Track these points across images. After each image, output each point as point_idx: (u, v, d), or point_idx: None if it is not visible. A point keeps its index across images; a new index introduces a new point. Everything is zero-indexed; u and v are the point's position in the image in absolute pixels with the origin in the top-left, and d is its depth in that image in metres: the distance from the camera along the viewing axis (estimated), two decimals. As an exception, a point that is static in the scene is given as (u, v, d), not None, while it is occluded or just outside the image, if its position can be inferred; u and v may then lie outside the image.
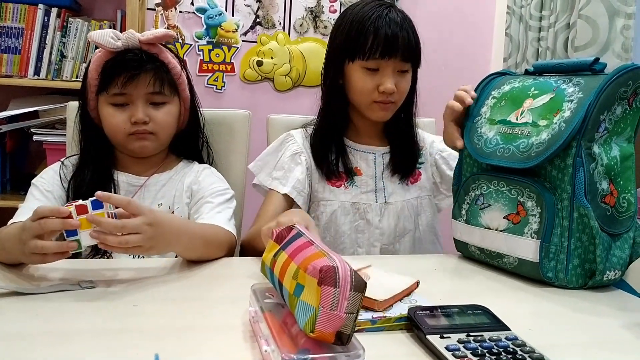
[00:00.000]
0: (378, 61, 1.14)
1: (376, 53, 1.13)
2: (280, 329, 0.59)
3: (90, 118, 1.16)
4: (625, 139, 0.92)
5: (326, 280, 0.52)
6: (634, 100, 0.90)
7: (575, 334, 0.74)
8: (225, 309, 0.76)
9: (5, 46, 1.87)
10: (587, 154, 0.88)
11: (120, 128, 1.10)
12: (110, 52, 1.10)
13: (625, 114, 0.90)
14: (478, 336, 0.65)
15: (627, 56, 1.80)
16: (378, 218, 1.22)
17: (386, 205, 1.23)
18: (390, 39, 1.12)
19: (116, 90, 1.08)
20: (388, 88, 1.14)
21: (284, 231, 0.70)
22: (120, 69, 1.08)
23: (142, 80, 1.09)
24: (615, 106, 0.89)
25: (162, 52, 1.14)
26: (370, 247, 1.22)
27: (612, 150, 0.90)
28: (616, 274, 0.91)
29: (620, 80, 0.87)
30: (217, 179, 1.21)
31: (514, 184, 0.95)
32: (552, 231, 0.90)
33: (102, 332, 0.67)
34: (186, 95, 1.20)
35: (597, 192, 0.89)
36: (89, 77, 1.13)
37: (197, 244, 0.96)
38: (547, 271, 0.91)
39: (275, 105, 2.30)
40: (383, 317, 0.70)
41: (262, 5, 2.28)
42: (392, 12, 1.15)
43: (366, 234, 1.22)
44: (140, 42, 1.11)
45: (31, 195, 1.10)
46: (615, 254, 0.90)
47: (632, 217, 0.91)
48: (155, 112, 1.12)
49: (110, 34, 1.09)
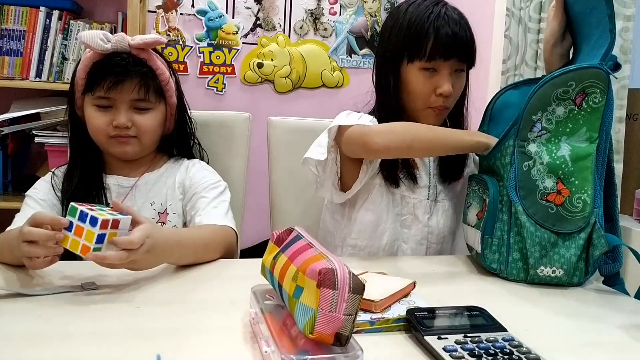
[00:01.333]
0: (437, 62, 1.10)
1: (437, 54, 1.09)
2: (280, 330, 0.60)
3: (78, 118, 1.16)
4: (583, 139, 0.93)
5: (325, 282, 0.53)
6: (584, 101, 0.92)
7: (571, 334, 0.75)
8: (226, 310, 0.77)
9: (7, 48, 1.87)
10: (521, 152, 0.95)
11: (102, 130, 1.11)
12: (100, 53, 1.10)
13: (573, 114, 0.93)
14: (475, 337, 0.66)
15: (625, 58, 1.81)
16: (427, 216, 1.18)
17: (435, 204, 1.19)
18: (450, 38, 1.09)
19: (101, 93, 1.09)
20: (445, 90, 1.10)
21: (284, 233, 0.71)
22: (107, 72, 1.08)
23: (127, 85, 1.09)
24: (553, 107, 0.93)
25: (151, 58, 1.14)
26: (417, 245, 1.18)
27: (559, 149, 0.94)
28: (557, 272, 0.93)
29: (557, 82, 0.92)
30: (208, 173, 1.22)
31: (481, 183, 1.02)
32: (495, 225, 0.97)
33: (104, 334, 0.68)
34: (173, 101, 1.19)
35: (537, 190, 0.94)
36: (77, 76, 1.13)
37: (187, 255, 0.96)
38: (490, 262, 0.98)
39: (275, 107, 2.31)
40: (381, 319, 0.71)
41: (262, 8, 2.29)
42: (449, 10, 1.12)
43: (412, 230, 1.18)
44: (130, 46, 1.11)
45: (26, 205, 1.11)
46: (558, 252, 0.93)
47: (587, 217, 0.92)
48: (138, 117, 1.12)
49: (101, 36, 1.09)
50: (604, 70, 0.91)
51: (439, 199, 1.20)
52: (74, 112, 1.17)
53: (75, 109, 1.17)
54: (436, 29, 1.09)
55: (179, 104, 1.22)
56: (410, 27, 1.11)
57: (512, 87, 1.11)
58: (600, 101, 0.92)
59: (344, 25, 2.38)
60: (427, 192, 1.19)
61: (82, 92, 1.12)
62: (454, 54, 1.10)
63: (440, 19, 1.09)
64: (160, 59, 1.17)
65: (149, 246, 0.84)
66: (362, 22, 2.40)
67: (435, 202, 1.19)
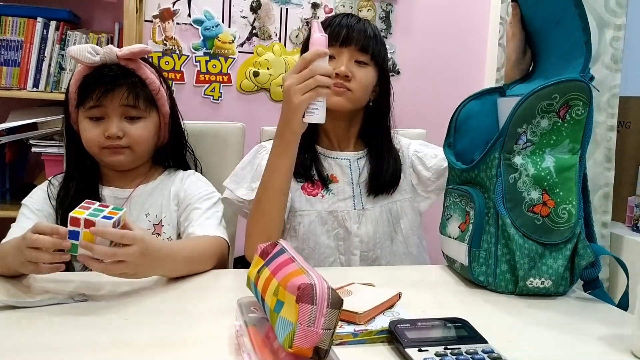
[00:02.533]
0: (335, 49, 1.18)
1: (332, 39, 1.16)
2: (263, 344, 0.61)
3: (74, 131, 1.18)
4: (566, 151, 0.95)
5: (304, 297, 0.55)
6: (567, 113, 0.93)
7: (553, 346, 0.76)
8: (213, 321, 0.78)
9: (5, 59, 1.89)
10: (507, 164, 0.96)
11: (94, 141, 1.13)
12: (89, 67, 1.12)
13: (557, 127, 0.94)
14: (455, 349, 0.67)
15: (616, 67, 1.82)
16: (357, 225, 1.22)
17: (364, 212, 1.23)
18: (346, 28, 1.18)
19: (92, 103, 1.11)
20: (342, 71, 1.16)
21: (269, 247, 0.72)
22: (96, 83, 1.10)
23: (117, 94, 1.11)
24: (537, 119, 0.94)
25: (140, 68, 1.16)
26: (350, 255, 1.22)
27: (544, 161, 0.94)
28: (545, 282, 0.94)
29: (541, 94, 0.92)
30: (202, 184, 1.23)
31: (464, 195, 1.03)
32: (482, 237, 0.98)
33: (94, 346, 0.69)
34: (166, 110, 1.21)
35: (523, 202, 0.94)
36: (70, 91, 1.16)
37: (180, 267, 0.97)
38: (478, 275, 0.98)
39: (271, 115, 2.31)
40: (365, 330, 0.72)
41: (258, 17, 2.31)
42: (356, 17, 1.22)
43: (347, 241, 1.22)
44: (118, 57, 1.13)
45: (22, 215, 1.14)
46: (546, 263, 0.94)
47: (573, 228, 0.93)
48: (130, 127, 1.14)
49: (89, 49, 1.11)
50: (586, 83, 0.92)
51: (367, 207, 1.23)
52: (70, 126, 1.19)
53: (70, 123, 1.18)
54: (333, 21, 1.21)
55: (172, 113, 1.23)
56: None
57: (474, 97, 1.11)
58: (582, 113, 0.93)
59: (340, 33, 2.40)
60: (352, 202, 1.23)
61: (75, 106, 1.14)
62: (350, 42, 1.19)
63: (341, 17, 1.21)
64: (149, 69, 1.18)
65: (142, 249, 0.85)
66: (357, 31, 2.42)
67: (363, 210, 1.23)
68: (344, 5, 2.38)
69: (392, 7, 2.41)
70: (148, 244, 0.87)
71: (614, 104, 1.84)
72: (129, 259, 0.84)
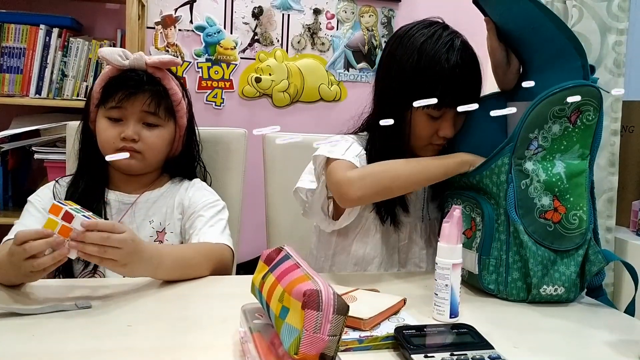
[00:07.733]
0: (445, 109, 1.05)
1: (445, 104, 1.03)
2: (268, 350, 0.61)
3: (90, 131, 1.19)
4: (576, 156, 0.94)
5: (309, 303, 0.54)
6: (578, 118, 0.93)
7: (560, 352, 0.76)
8: (217, 328, 0.78)
9: (8, 66, 1.90)
10: (518, 170, 0.94)
11: (110, 142, 1.13)
12: (117, 69, 1.14)
13: (568, 132, 0.93)
14: (461, 355, 0.66)
15: (619, 72, 1.82)
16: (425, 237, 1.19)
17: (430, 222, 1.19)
18: (461, 88, 1.04)
19: (113, 104, 1.12)
20: (448, 135, 1.07)
21: (273, 252, 0.72)
22: (121, 84, 1.12)
23: (140, 98, 1.12)
24: (549, 124, 0.93)
25: (166, 78, 1.17)
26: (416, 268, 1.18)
27: (554, 167, 0.93)
28: (558, 290, 0.93)
29: (553, 99, 0.91)
30: (207, 192, 1.23)
31: (467, 201, 1.01)
32: (492, 245, 0.96)
33: (97, 353, 0.69)
34: (183, 122, 1.22)
35: (534, 208, 0.93)
36: (93, 90, 1.17)
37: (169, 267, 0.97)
38: (488, 283, 0.96)
39: (273, 121, 2.33)
40: (370, 337, 0.72)
41: (260, 23, 2.32)
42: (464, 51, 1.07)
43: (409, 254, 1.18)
44: (146, 65, 1.14)
45: (27, 212, 1.13)
46: (558, 270, 0.93)
47: (584, 234, 0.93)
48: (146, 132, 1.14)
49: (119, 52, 1.13)
50: (597, 89, 0.91)
51: (432, 217, 1.20)
52: (87, 126, 1.20)
53: (88, 123, 1.19)
54: (449, 79, 1.03)
55: (189, 126, 1.24)
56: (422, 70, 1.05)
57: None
58: (593, 119, 0.93)
59: (341, 39, 2.41)
60: (421, 214, 1.19)
61: (97, 104, 1.16)
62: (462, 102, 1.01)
63: (455, 66, 1.03)
64: (174, 80, 1.20)
65: (133, 236, 0.88)
66: (359, 37, 2.42)
67: (429, 220, 1.19)
68: (345, 11, 2.39)
69: (394, 13, 2.42)
70: (138, 243, 0.90)
71: (617, 108, 1.83)
72: (121, 244, 0.85)
